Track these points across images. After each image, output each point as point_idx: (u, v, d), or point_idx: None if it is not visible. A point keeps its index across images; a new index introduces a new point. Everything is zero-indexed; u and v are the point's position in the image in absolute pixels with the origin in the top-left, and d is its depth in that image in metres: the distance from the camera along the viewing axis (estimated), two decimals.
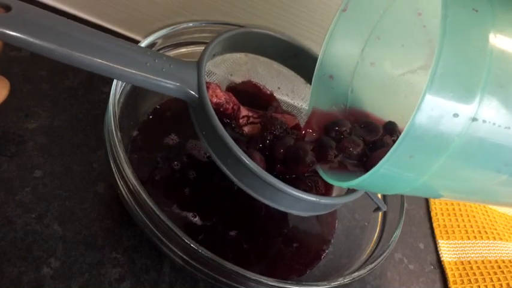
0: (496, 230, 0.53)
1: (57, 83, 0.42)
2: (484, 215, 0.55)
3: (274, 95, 0.39)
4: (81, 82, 0.43)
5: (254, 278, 0.27)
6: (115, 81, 0.32)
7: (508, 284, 0.47)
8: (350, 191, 0.32)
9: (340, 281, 0.31)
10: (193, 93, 0.28)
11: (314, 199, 0.28)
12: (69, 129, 0.39)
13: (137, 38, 0.50)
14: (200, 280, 0.35)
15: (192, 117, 0.30)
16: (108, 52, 0.25)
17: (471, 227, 0.53)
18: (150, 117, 0.41)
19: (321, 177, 0.31)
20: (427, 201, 0.55)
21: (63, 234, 0.33)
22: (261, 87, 0.38)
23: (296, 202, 0.28)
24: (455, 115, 0.20)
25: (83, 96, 0.42)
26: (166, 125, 0.41)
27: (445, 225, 0.52)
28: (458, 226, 0.53)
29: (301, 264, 0.38)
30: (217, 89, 0.31)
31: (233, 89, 0.38)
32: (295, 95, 0.39)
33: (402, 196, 0.38)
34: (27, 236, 0.32)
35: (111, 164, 0.30)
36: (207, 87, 0.29)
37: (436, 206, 0.54)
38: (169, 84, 0.27)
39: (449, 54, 0.20)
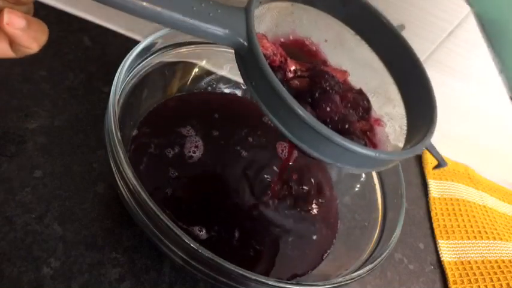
0: (496, 230, 0.53)
1: (57, 83, 0.42)
2: (484, 215, 0.55)
3: (321, 48, 0.35)
4: (81, 82, 0.43)
5: (254, 278, 0.27)
6: (115, 81, 0.32)
7: (508, 284, 0.47)
8: (408, 147, 0.30)
9: (340, 281, 0.31)
10: (242, 40, 0.26)
11: (374, 154, 0.26)
12: (69, 129, 0.39)
13: (137, 38, 0.50)
14: (200, 280, 0.35)
15: (239, 67, 0.28)
16: None
17: (471, 227, 0.53)
18: (150, 116, 0.41)
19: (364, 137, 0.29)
20: (427, 201, 0.55)
21: (63, 234, 0.33)
22: (306, 41, 0.35)
23: (352, 157, 0.26)
24: None
25: (83, 96, 0.42)
26: (166, 125, 0.41)
27: (445, 225, 0.52)
28: (458, 226, 0.53)
29: (302, 264, 0.38)
30: (263, 39, 0.29)
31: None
32: (343, 49, 0.35)
33: (402, 196, 0.38)
34: (27, 236, 0.32)
35: (111, 164, 0.29)
36: None
37: (436, 206, 0.54)
38: (217, 31, 0.26)
39: None
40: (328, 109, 0.29)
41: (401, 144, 0.31)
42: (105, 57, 0.46)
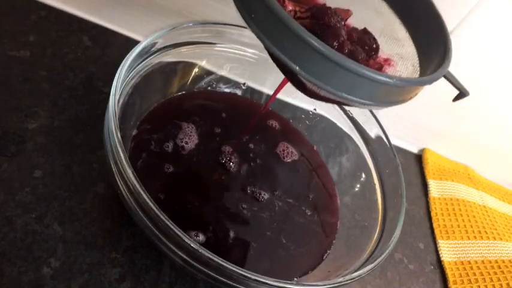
0: (496, 230, 0.53)
1: (57, 83, 0.42)
2: (484, 215, 0.55)
3: None
4: (81, 82, 0.43)
5: (254, 278, 0.27)
6: (115, 81, 0.32)
7: (508, 284, 0.47)
8: (431, 72, 0.27)
9: (340, 281, 0.31)
10: None
11: (392, 80, 0.23)
12: (69, 129, 0.39)
13: (137, 38, 0.50)
14: (200, 280, 0.35)
15: (235, 3, 0.26)
16: None
17: (471, 227, 0.53)
18: (150, 116, 0.41)
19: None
20: (427, 201, 0.55)
21: (63, 234, 0.33)
22: None
23: (367, 86, 0.24)
24: None
25: (83, 96, 0.42)
26: (166, 124, 0.41)
27: (445, 225, 0.52)
28: (458, 226, 0.53)
29: (302, 264, 0.38)
30: None
31: None
32: None
33: (402, 196, 0.38)
34: (27, 236, 0.32)
35: (111, 164, 0.29)
36: None
37: (436, 206, 0.54)
38: None
39: None
40: (335, 44, 0.26)
41: None
42: (105, 57, 0.46)
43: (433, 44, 0.30)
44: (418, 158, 0.61)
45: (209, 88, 0.47)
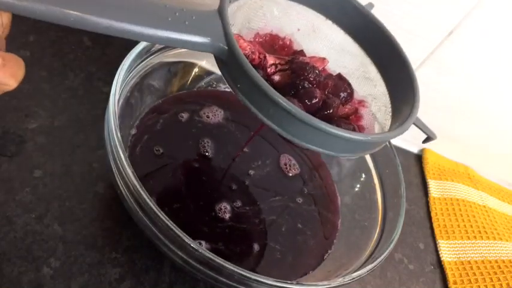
0: (496, 230, 0.53)
1: (57, 83, 0.42)
2: (484, 215, 0.55)
3: (294, 38, 0.35)
4: (81, 82, 0.43)
5: (254, 278, 0.27)
6: (115, 81, 0.31)
7: (508, 284, 0.47)
8: (396, 125, 0.30)
9: (340, 281, 0.31)
10: (222, 44, 0.26)
11: (367, 139, 0.27)
12: (69, 129, 0.39)
13: None
14: (200, 280, 0.35)
15: (222, 73, 0.28)
16: (126, 11, 0.23)
17: (471, 227, 0.53)
18: (149, 116, 0.41)
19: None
20: (427, 201, 0.55)
21: (63, 234, 0.33)
22: (279, 35, 0.35)
23: (347, 144, 0.27)
24: None
25: (83, 96, 0.42)
26: (165, 123, 0.41)
27: (445, 225, 0.52)
28: (458, 226, 0.53)
29: (303, 264, 0.38)
30: (240, 39, 0.29)
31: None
32: (316, 35, 0.35)
33: (402, 196, 0.38)
34: (27, 236, 0.32)
35: (111, 164, 0.29)
36: None
37: (436, 206, 0.54)
38: (196, 40, 0.25)
39: None
40: (314, 101, 0.29)
41: (388, 122, 0.31)
42: (105, 57, 0.46)
43: (403, 87, 0.32)
44: (418, 158, 0.61)
45: (209, 88, 0.47)
